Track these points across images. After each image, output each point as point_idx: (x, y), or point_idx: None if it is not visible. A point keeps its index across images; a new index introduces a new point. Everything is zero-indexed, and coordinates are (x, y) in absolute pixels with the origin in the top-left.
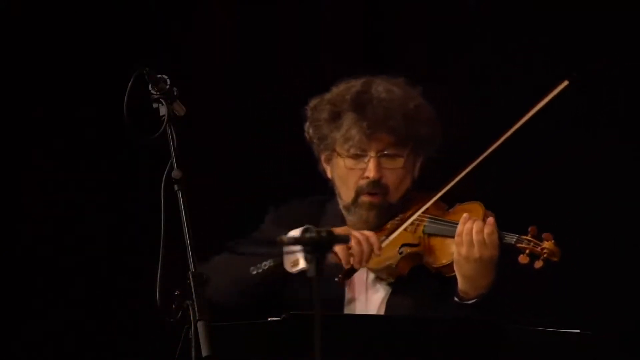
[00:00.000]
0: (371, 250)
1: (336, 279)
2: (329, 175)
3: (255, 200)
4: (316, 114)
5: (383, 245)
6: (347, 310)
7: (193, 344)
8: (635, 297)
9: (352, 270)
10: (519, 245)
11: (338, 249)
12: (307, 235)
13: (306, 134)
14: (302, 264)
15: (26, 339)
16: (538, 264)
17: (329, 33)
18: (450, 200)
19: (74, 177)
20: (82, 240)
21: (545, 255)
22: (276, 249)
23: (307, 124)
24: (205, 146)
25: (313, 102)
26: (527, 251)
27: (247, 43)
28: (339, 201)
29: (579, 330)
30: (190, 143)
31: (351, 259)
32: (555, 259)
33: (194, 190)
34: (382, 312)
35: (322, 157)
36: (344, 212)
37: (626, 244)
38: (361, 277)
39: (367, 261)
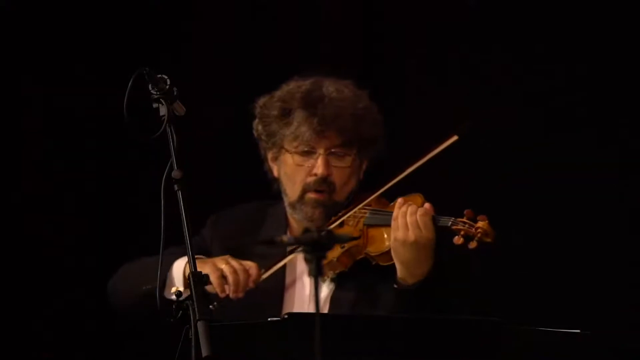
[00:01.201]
0: (247, 281)
1: (211, 307)
2: (275, 174)
3: (255, 200)
4: (266, 110)
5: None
6: (286, 308)
7: (193, 344)
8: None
9: (228, 300)
10: (454, 227)
11: (213, 277)
12: (307, 235)
13: (254, 131)
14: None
15: (26, 339)
16: (472, 245)
17: (329, 33)
18: (393, 198)
19: (75, 177)
20: (82, 240)
21: (479, 236)
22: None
23: (256, 121)
24: (205, 146)
25: (262, 100)
26: (462, 232)
27: (247, 43)
28: (285, 198)
29: (579, 330)
30: (190, 143)
31: (227, 288)
32: (488, 240)
33: (194, 190)
34: (326, 309)
35: (269, 156)
36: (289, 210)
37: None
38: (304, 275)
39: (243, 292)
